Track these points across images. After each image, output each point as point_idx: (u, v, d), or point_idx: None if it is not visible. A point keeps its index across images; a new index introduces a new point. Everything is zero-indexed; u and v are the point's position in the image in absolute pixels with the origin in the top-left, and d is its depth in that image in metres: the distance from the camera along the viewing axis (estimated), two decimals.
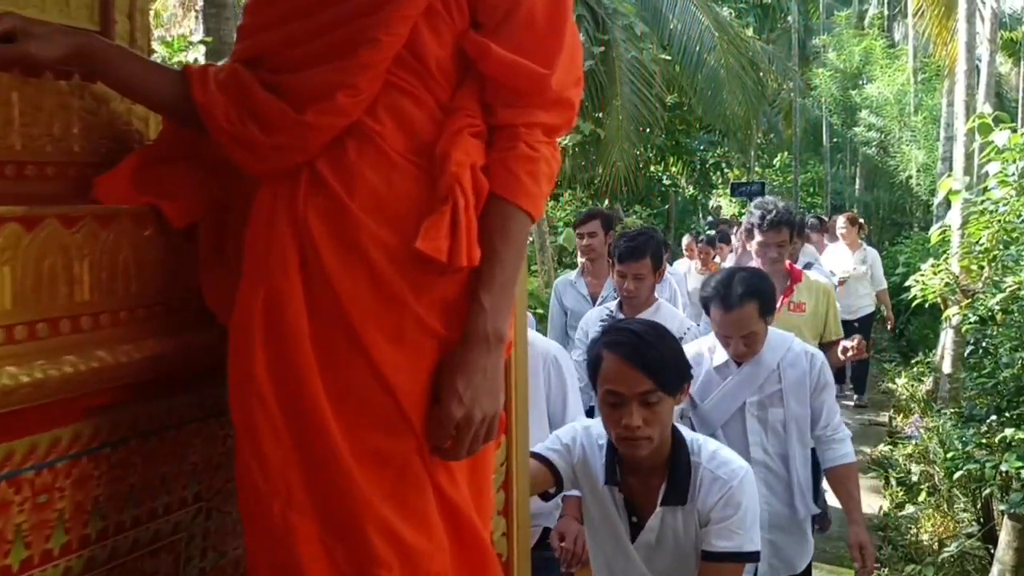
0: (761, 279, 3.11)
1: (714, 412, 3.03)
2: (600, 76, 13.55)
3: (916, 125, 14.79)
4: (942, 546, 4.98)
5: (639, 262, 3.82)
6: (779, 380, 3.00)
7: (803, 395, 3.00)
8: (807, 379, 3.00)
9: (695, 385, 2.83)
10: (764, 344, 3.00)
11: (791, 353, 3.04)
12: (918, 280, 6.77)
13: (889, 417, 8.25)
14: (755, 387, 3.00)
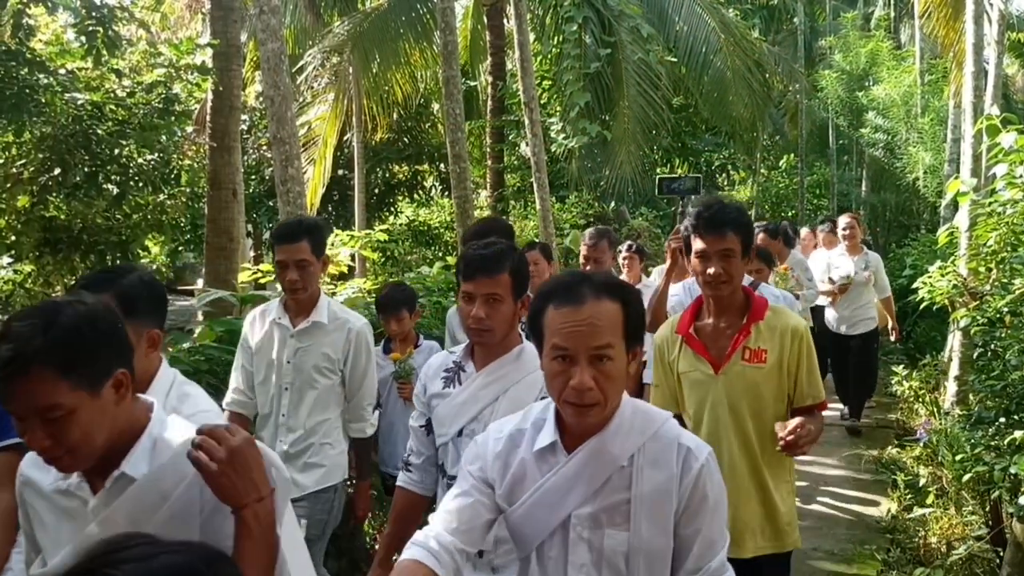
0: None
1: (527, 523, 1.96)
2: (606, 78, 13.58)
3: (923, 127, 14.77)
4: (950, 549, 4.96)
5: (493, 278, 2.61)
6: (629, 485, 1.90)
7: (663, 515, 1.88)
8: (675, 490, 1.88)
9: (502, 482, 1.98)
10: (612, 423, 1.92)
11: (658, 442, 1.92)
12: (925, 282, 6.77)
13: (897, 419, 8.24)
14: (588, 490, 1.91)
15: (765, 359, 2.94)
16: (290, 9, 16.84)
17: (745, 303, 3.04)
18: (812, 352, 2.99)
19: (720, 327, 3.02)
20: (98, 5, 8.56)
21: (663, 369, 3.14)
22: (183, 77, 10.09)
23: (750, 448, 2.98)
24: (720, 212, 2.91)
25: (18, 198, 10.34)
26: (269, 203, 19.18)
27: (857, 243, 8.16)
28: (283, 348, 3.65)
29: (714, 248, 2.89)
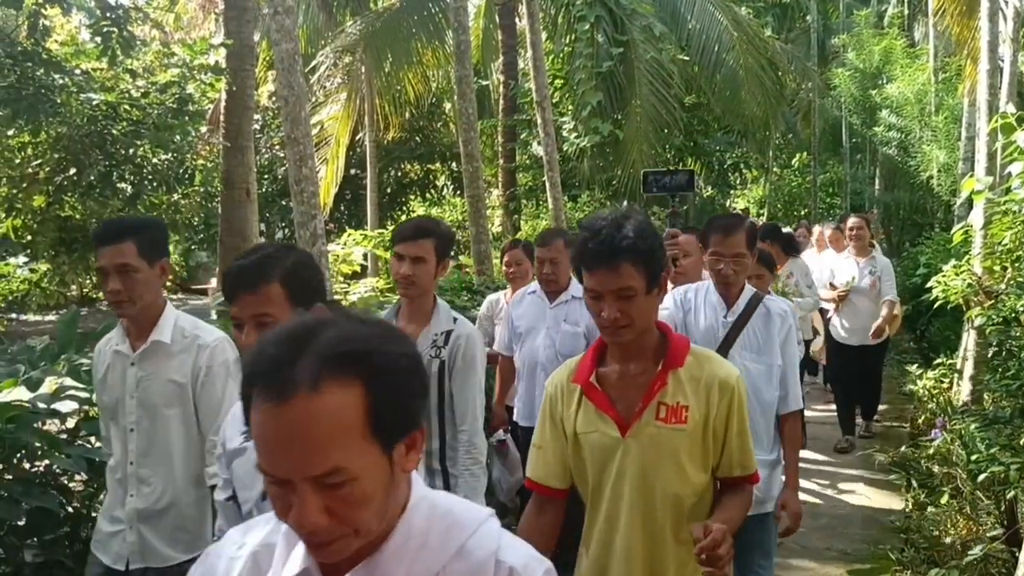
0: None
1: None
2: (619, 77, 13.57)
3: (937, 125, 14.68)
4: (965, 549, 4.94)
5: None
6: None
7: None
8: None
9: None
10: (390, 542, 1.23)
11: (465, 560, 1.27)
12: (940, 281, 6.74)
13: (911, 419, 8.20)
14: None
15: (686, 418, 2.26)
16: (303, 9, 16.89)
17: (660, 344, 2.33)
18: (744, 410, 2.34)
19: (629, 375, 2.32)
20: (113, 6, 8.61)
21: (551, 427, 2.41)
22: (197, 77, 10.14)
23: (657, 536, 2.30)
24: (611, 240, 2.15)
25: (34, 198, 10.42)
26: (282, 202, 19.26)
27: (865, 245, 7.58)
28: (123, 380, 2.89)
29: (607, 287, 2.17)
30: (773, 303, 3.67)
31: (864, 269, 7.46)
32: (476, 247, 8.40)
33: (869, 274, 7.41)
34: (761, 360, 3.51)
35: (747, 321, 3.54)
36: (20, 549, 3.11)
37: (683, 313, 3.65)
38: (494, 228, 15.54)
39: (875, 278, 7.40)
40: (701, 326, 3.58)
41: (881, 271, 7.46)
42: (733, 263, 3.53)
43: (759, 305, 3.58)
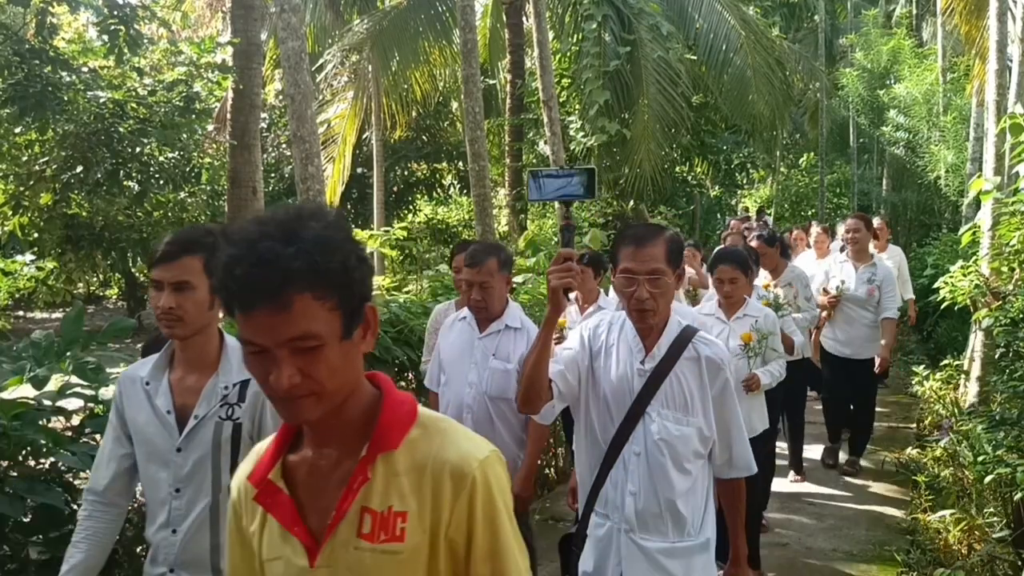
0: None
1: None
2: (626, 76, 13.55)
3: (945, 125, 14.65)
4: (971, 550, 4.93)
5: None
6: None
7: None
8: None
9: None
10: None
11: None
12: (947, 282, 6.74)
13: (917, 420, 8.18)
14: None
15: (402, 532, 1.43)
16: (310, 7, 16.91)
17: (366, 416, 1.49)
18: (501, 516, 1.47)
19: (323, 466, 1.51)
20: (120, 4, 8.63)
21: (239, 544, 1.61)
22: (204, 75, 10.16)
23: None
24: (274, 260, 1.30)
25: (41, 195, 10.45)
26: (288, 201, 19.24)
27: (864, 250, 6.73)
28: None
29: (273, 337, 1.31)
30: (706, 345, 2.73)
31: (862, 276, 6.63)
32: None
33: (867, 282, 6.58)
34: (686, 422, 2.66)
35: (670, 369, 2.66)
36: (25, 546, 3.11)
37: (590, 357, 2.77)
38: (500, 228, 15.54)
39: (874, 287, 6.56)
40: (612, 375, 2.72)
41: (882, 280, 6.56)
42: (650, 284, 2.61)
43: (687, 347, 2.68)
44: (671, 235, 2.75)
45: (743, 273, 4.70)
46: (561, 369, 2.72)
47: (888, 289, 6.57)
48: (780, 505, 6.02)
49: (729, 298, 4.72)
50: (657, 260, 2.62)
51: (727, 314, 4.78)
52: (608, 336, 2.78)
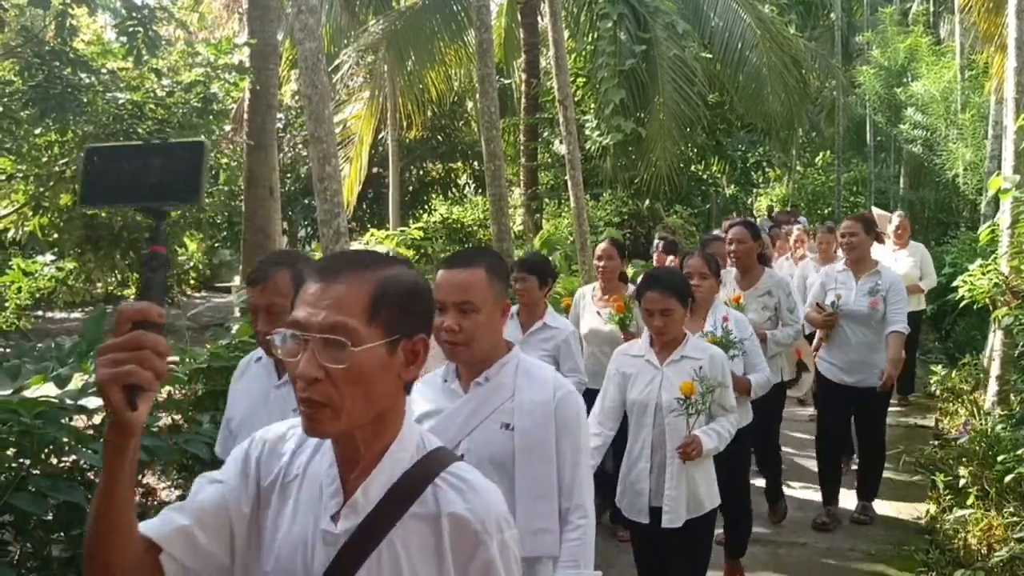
0: None
1: None
2: (642, 75, 13.54)
3: (963, 123, 14.55)
4: (991, 551, 4.90)
5: None
6: None
7: None
8: None
9: None
10: None
11: None
12: (966, 281, 6.70)
13: (935, 419, 8.14)
14: None
15: None
16: (326, 8, 16.97)
17: None
18: None
19: None
20: (139, 6, 8.69)
21: None
22: (221, 76, 10.21)
23: None
24: None
25: (60, 196, 10.52)
26: (305, 201, 19.35)
27: (864, 258, 5.69)
28: None
29: None
30: (459, 493, 1.36)
31: (863, 288, 5.60)
32: (498, 246, 8.40)
33: (869, 294, 5.56)
34: None
35: (382, 536, 1.48)
36: (47, 543, 3.14)
37: (255, 498, 1.55)
38: (516, 227, 15.54)
39: (878, 299, 5.53)
40: (280, 543, 1.63)
41: (888, 290, 5.54)
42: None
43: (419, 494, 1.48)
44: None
45: (679, 302, 3.64)
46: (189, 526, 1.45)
47: (895, 300, 5.54)
48: (799, 504, 6.01)
49: (661, 335, 3.66)
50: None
51: (659, 357, 3.72)
52: (295, 458, 1.54)
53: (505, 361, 2.46)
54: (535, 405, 2.41)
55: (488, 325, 2.35)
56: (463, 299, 2.29)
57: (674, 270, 4.54)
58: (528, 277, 4.61)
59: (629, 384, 3.71)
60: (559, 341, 4.51)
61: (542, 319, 4.60)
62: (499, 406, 2.42)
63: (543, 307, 4.67)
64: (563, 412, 2.42)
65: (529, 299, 4.64)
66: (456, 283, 2.31)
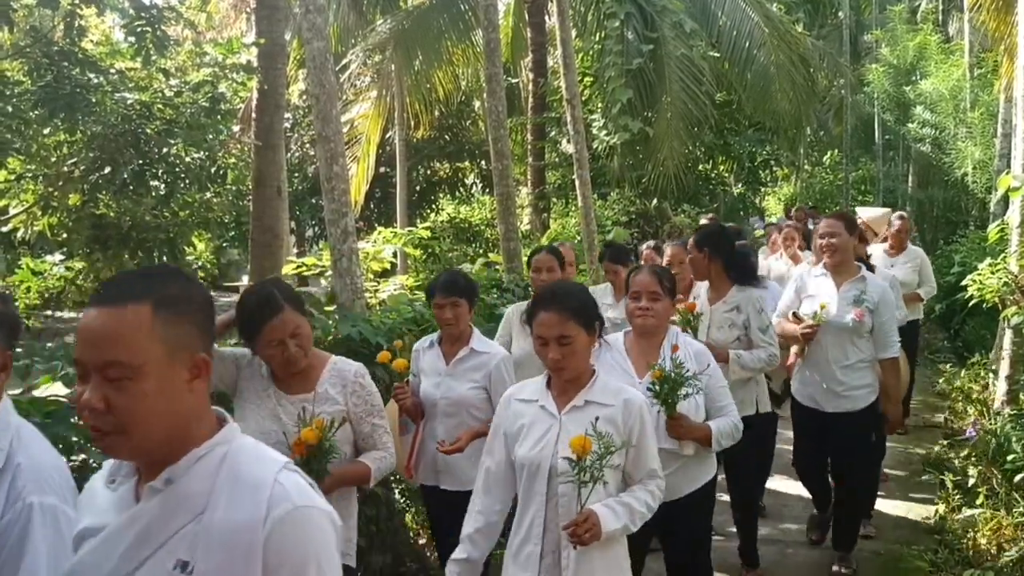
0: None
1: None
2: (649, 74, 13.53)
3: (972, 121, 14.50)
4: (1001, 551, 4.89)
5: None
6: None
7: None
8: None
9: None
10: None
11: None
12: (975, 280, 6.69)
13: (945, 418, 8.11)
14: None
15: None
16: (333, 8, 16.98)
17: None
18: None
19: None
20: (147, 5, 8.72)
21: None
22: (229, 76, 10.22)
23: None
24: None
25: (69, 196, 10.55)
26: (312, 200, 19.39)
27: (846, 261, 4.82)
28: None
29: None
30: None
31: (846, 296, 4.73)
32: (505, 244, 8.41)
33: (854, 303, 4.69)
34: None
35: None
36: None
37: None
38: (523, 226, 15.55)
39: (863, 310, 4.65)
40: None
41: (878, 302, 4.67)
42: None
43: None
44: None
45: (582, 326, 2.74)
46: None
47: (886, 315, 4.69)
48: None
49: (559, 371, 2.74)
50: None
51: (558, 402, 2.80)
52: None
53: (203, 452, 1.51)
54: (230, 533, 1.44)
55: (162, 396, 1.45)
56: (107, 359, 1.42)
57: (574, 285, 3.30)
58: (460, 302, 3.94)
59: (520, 437, 2.79)
60: (490, 368, 3.94)
61: (468, 344, 3.99)
62: (180, 529, 1.47)
63: (469, 330, 4.04)
64: (277, 549, 1.44)
65: (459, 328, 3.98)
66: (97, 332, 1.45)
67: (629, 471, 2.80)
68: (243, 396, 3.10)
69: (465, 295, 3.95)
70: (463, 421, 3.90)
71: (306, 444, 2.78)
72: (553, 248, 5.25)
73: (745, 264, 4.76)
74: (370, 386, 3.14)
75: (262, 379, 3.09)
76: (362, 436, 3.13)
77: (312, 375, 3.06)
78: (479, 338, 4.05)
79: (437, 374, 4.01)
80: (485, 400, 3.90)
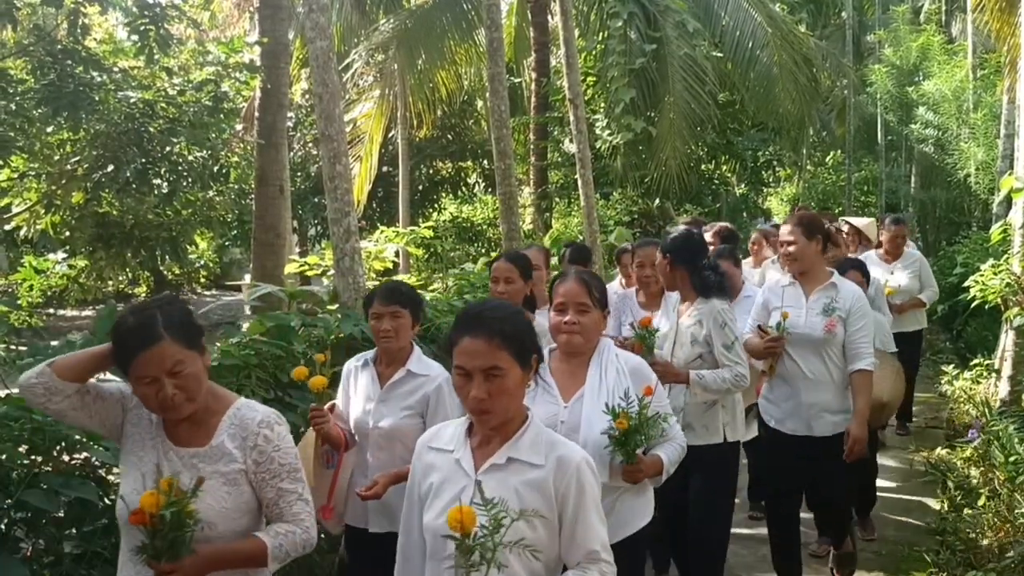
0: None
1: None
2: (652, 74, 13.53)
3: (975, 122, 14.49)
4: (1003, 551, 4.88)
5: None
6: None
7: None
8: None
9: None
10: None
11: None
12: (977, 280, 6.68)
13: (947, 420, 8.11)
14: None
15: None
16: (336, 7, 17.01)
17: None
18: None
19: None
20: (150, 4, 8.73)
21: None
22: (232, 75, 10.25)
23: None
24: None
25: (72, 194, 10.58)
26: (315, 199, 19.41)
27: (814, 269, 4.36)
28: None
29: None
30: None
31: (814, 305, 4.30)
32: (508, 244, 8.41)
33: (823, 313, 4.25)
34: None
35: None
36: (60, 540, 3.16)
37: None
38: (525, 226, 15.55)
39: (834, 319, 4.22)
40: None
41: (849, 311, 4.23)
42: None
43: None
44: None
45: (513, 356, 2.13)
46: None
47: (859, 324, 4.23)
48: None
49: (482, 415, 2.12)
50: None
51: (477, 456, 2.20)
52: None
53: None
54: None
55: None
56: None
57: (507, 306, 2.41)
58: (401, 312, 3.41)
59: (428, 500, 2.22)
60: (428, 391, 3.39)
61: (405, 365, 3.44)
62: None
63: (409, 348, 3.48)
64: None
65: (400, 342, 3.42)
66: None
67: (562, 552, 2.13)
68: (127, 444, 2.46)
69: (408, 306, 3.42)
70: (397, 455, 3.33)
71: (148, 514, 2.10)
72: (515, 255, 4.48)
73: (711, 274, 4.05)
74: (279, 439, 2.42)
75: (150, 425, 2.44)
76: (267, 504, 2.42)
77: (210, 423, 2.42)
78: (419, 358, 3.47)
79: (369, 399, 3.45)
80: (422, 430, 2.91)
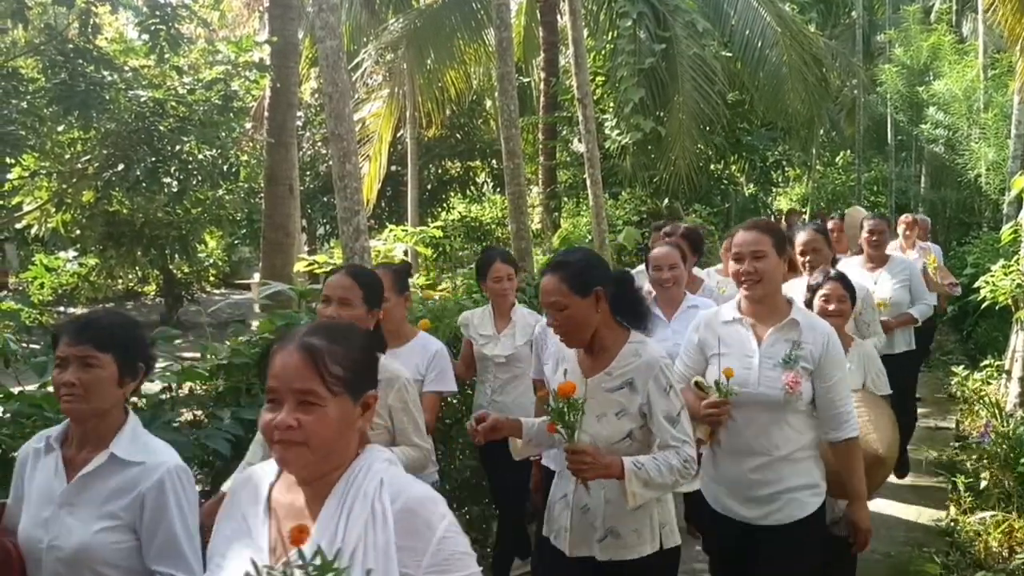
0: None
1: None
2: (661, 73, 13.51)
3: (986, 122, 14.43)
4: (1012, 554, 4.87)
5: None
6: None
7: None
8: None
9: None
10: None
11: None
12: (988, 281, 6.66)
13: (956, 421, 8.08)
14: None
15: None
16: (346, 6, 17.04)
17: None
18: None
19: None
20: (161, 3, 8.76)
21: None
22: (242, 74, 10.28)
23: None
24: None
25: (83, 193, 10.61)
26: (324, 199, 19.45)
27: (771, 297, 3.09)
28: None
29: None
30: None
31: (769, 351, 3.05)
32: (517, 244, 8.41)
33: (782, 364, 3.01)
34: None
35: None
36: None
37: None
38: (534, 225, 15.55)
39: (797, 373, 2.98)
40: None
41: (821, 357, 3.01)
42: None
43: None
44: None
45: None
46: None
47: (834, 378, 3.04)
48: None
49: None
50: None
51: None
52: None
53: None
54: None
55: None
56: None
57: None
58: (98, 357, 2.28)
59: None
60: (143, 490, 2.21)
61: (107, 447, 2.27)
62: None
63: (117, 418, 2.34)
64: None
65: (92, 404, 2.25)
66: None
67: None
68: None
69: (111, 349, 2.31)
70: None
71: None
72: (358, 270, 3.60)
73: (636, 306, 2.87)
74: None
75: None
76: None
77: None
78: (133, 434, 2.35)
79: (47, 501, 2.28)
80: (132, 553, 2.26)
